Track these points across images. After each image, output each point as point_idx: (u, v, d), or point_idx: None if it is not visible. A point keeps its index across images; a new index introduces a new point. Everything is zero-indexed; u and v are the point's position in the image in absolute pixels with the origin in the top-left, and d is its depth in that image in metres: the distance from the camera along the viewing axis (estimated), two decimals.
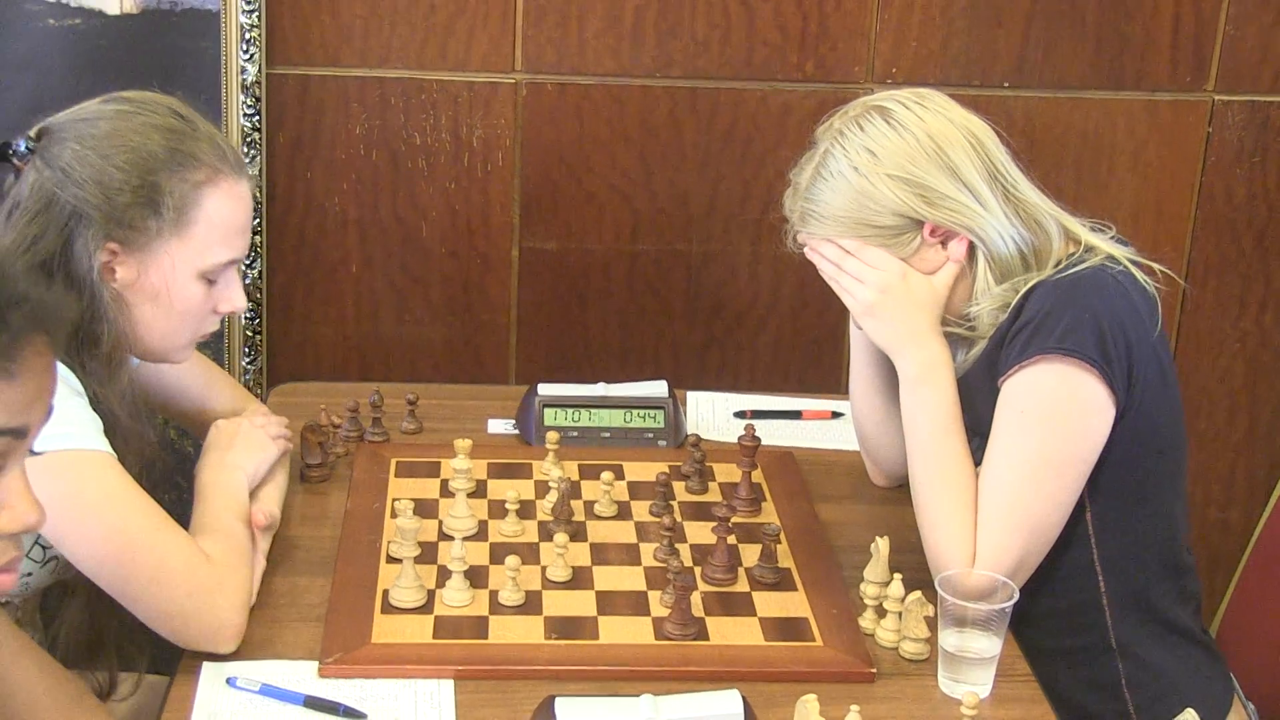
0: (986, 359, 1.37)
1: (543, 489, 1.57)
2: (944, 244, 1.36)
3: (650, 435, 1.70)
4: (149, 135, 1.26)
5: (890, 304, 1.35)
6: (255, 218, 2.00)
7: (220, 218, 1.29)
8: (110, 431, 1.22)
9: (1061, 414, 1.30)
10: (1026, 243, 1.36)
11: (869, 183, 1.33)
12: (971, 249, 1.36)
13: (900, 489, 1.64)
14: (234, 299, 1.33)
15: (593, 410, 1.70)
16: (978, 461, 1.36)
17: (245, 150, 2.10)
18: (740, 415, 1.80)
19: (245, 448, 1.40)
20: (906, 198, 1.33)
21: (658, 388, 1.74)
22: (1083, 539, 1.38)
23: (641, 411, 1.71)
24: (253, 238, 1.99)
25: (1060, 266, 1.35)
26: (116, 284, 1.26)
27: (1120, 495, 1.37)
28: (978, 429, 1.38)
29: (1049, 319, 1.30)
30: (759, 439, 1.56)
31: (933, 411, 1.36)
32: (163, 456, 1.33)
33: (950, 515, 1.34)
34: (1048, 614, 1.41)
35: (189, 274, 1.29)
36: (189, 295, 1.29)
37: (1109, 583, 1.39)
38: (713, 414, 1.82)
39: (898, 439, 1.52)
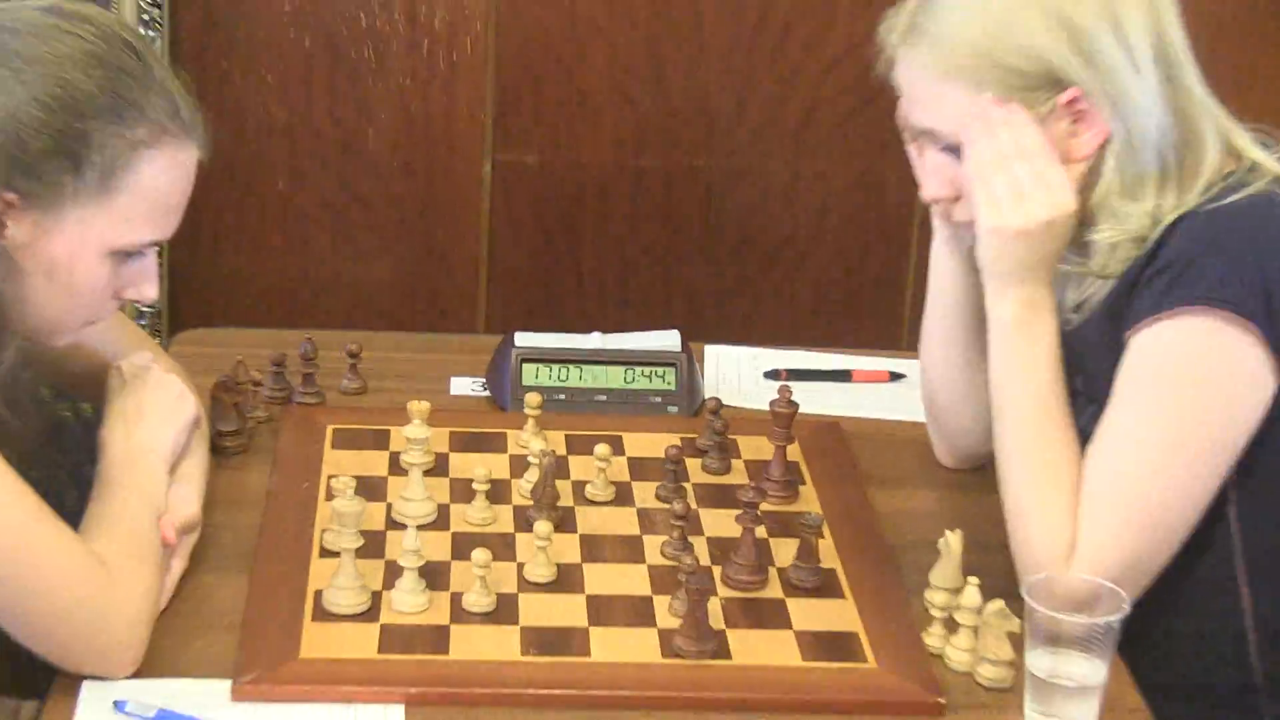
0: (1109, 306, 1.35)
1: (520, 466, 1.57)
2: (1075, 127, 1.31)
3: (658, 400, 1.71)
4: (89, 69, 1.21)
5: (1034, 235, 1.31)
6: None
7: (154, 190, 1.26)
8: None
9: (1205, 381, 1.27)
10: (1174, 151, 1.31)
11: (1014, 7, 1.27)
12: (1102, 148, 1.31)
13: (977, 472, 1.64)
14: (144, 288, 1.31)
15: (584, 367, 1.71)
16: (1089, 435, 1.33)
17: (145, 32, 2.08)
18: (772, 375, 1.82)
19: (158, 414, 1.40)
20: (1056, 39, 1.27)
21: (667, 339, 1.75)
22: (1223, 544, 1.35)
23: (647, 370, 1.72)
24: None
25: (1214, 193, 1.30)
26: (3, 242, 1.22)
27: (1275, 490, 1.33)
28: (1092, 394, 1.36)
29: (1200, 260, 1.26)
30: (796, 405, 1.56)
31: (1032, 366, 1.34)
32: (67, 447, 1.35)
33: (1044, 500, 1.32)
34: (1171, 638, 1.38)
35: (99, 249, 1.26)
36: (93, 274, 1.26)
37: (1257, 601, 1.36)
38: (737, 374, 1.83)
39: (979, 407, 1.49)
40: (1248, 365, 1.26)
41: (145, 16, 2.05)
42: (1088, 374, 1.37)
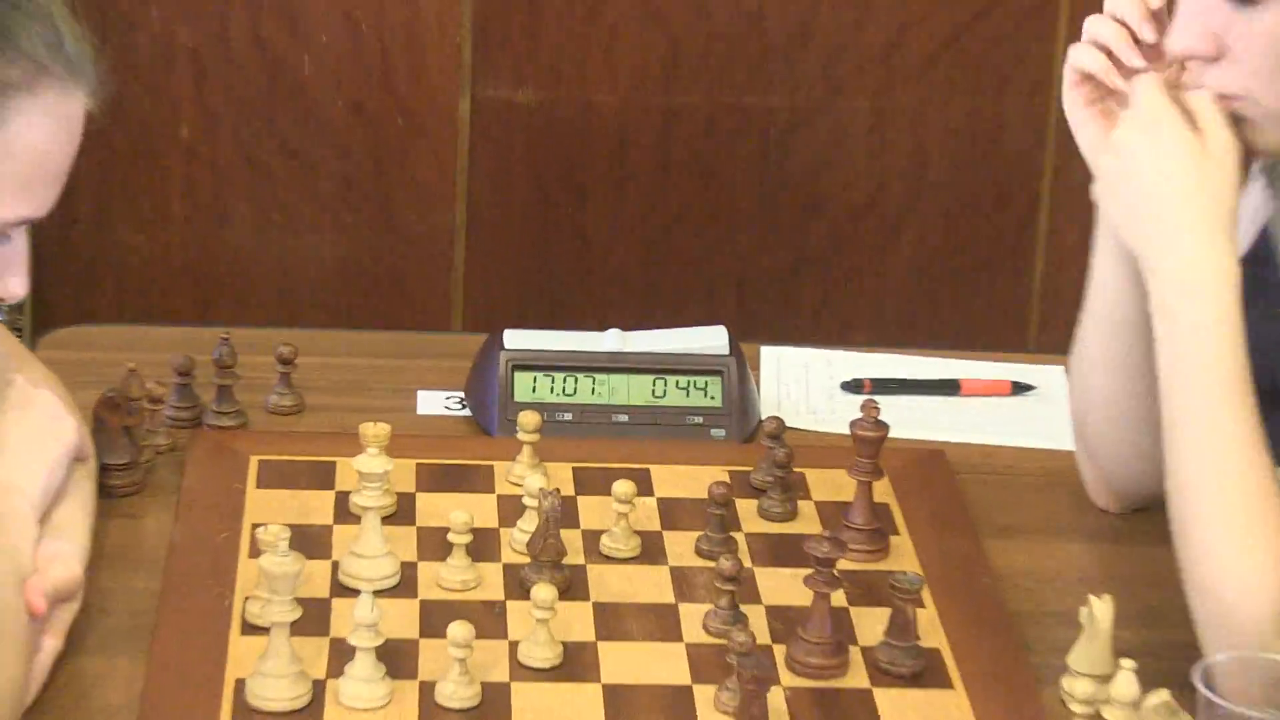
0: None
1: (513, 510, 1.59)
2: None
3: (698, 420, 1.73)
4: None
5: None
6: None
7: (27, 149, 1.26)
8: None
9: None
10: None
11: None
12: None
13: (1132, 518, 1.64)
14: (10, 281, 1.31)
15: (598, 377, 1.74)
16: None
17: None
18: (853, 387, 1.84)
19: (24, 444, 1.40)
20: None
21: (710, 338, 1.77)
22: None
23: (683, 379, 1.74)
24: None
25: None
26: None
27: None
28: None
29: None
30: (886, 427, 1.58)
31: (1215, 354, 1.35)
32: None
33: (1246, 544, 1.33)
34: None
35: None
36: None
37: None
38: (805, 384, 1.85)
39: (1148, 433, 1.51)
40: None
41: None
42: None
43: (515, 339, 1.75)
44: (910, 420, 1.78)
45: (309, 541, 1.51)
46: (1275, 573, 1.33)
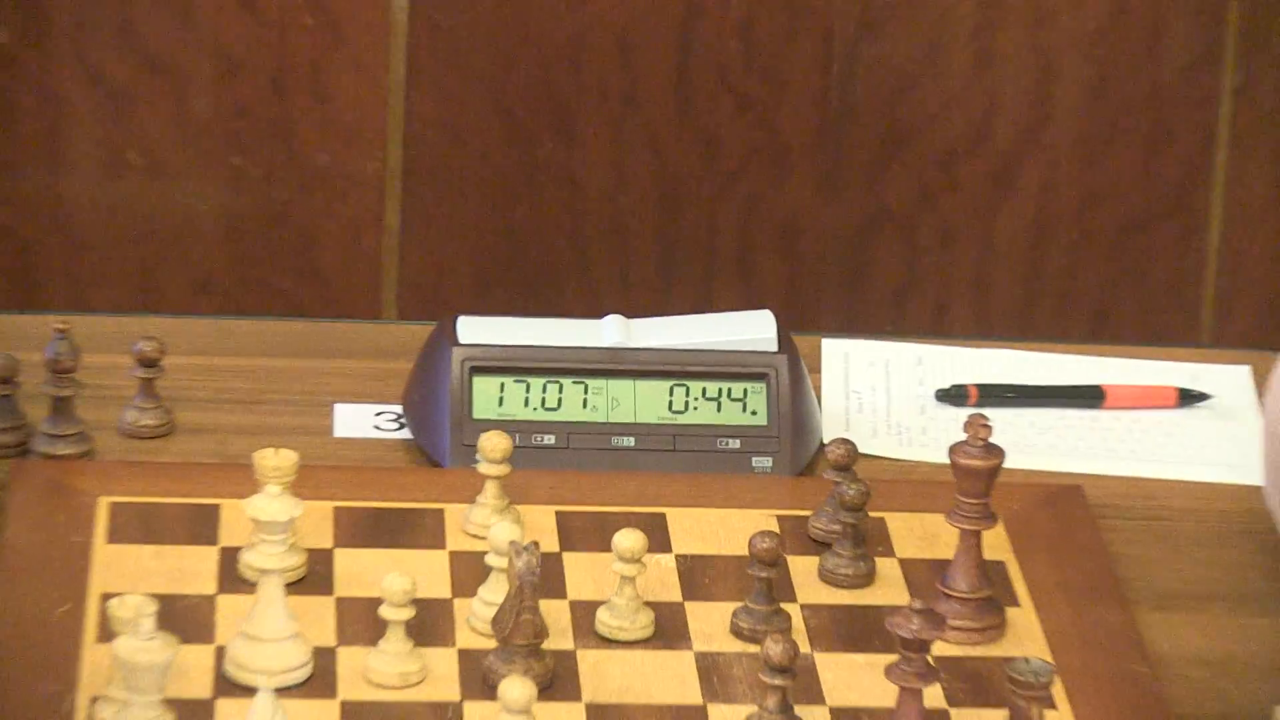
0: None
1: (472, 573, 1.60)
2: None
3: (735, 445, 1.76)
4: None
5: None
6: None
7: None
8: None
9: None
10: None
11: None
12: None
13: None
14: None
15: (593, 384, 1.76)
16: None
17: None
18: (953, 397, 1.86)
19: None
20: None
21: (752, 328, 1.80)
22: None
23: (714, 387, 1.77)
24: None
25: None
26: None
27: None
28: None
29: None
30: (1000, 453, 1.59)
31: None
32: None
33: None
34: None
35: None
36: None
37: None
38: (885, 392, 1.87)
39: None
40: None
41: None
42: None
43: (474, 329, 1.76)
44: (1035, 444, 1.79)
45: (183, 619, 1.51)
46: None
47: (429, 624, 1.54)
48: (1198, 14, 2.32)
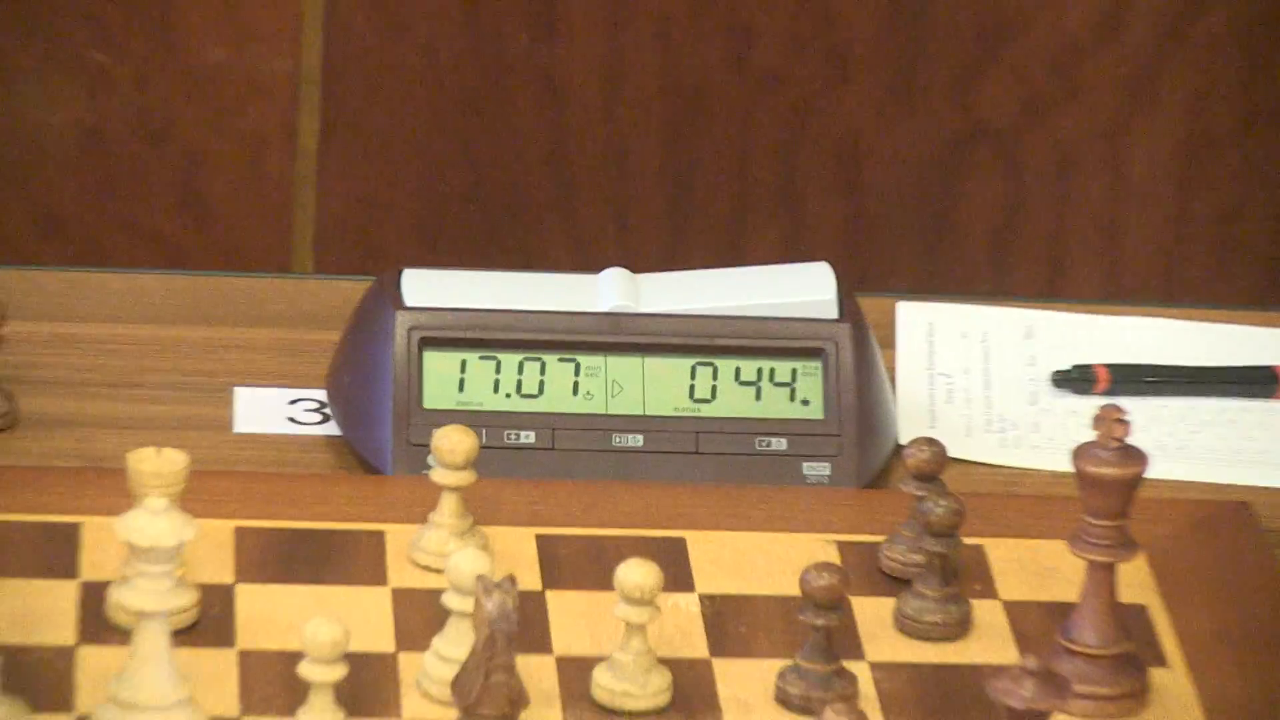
0: None
1: (425, 618, 1.61)
2: None
3: (781, 445, 1.78)
4: None
5: None
6: None
7: None
8: None
9: None
10: None
11: None
12: None
13: None
14: None
15: (587, 362, 1.78)
16: None
17: None
18: (1075, 380, 1.87)
19: None
20: None
21: (804, 284, 1.83)
22: None
23: (753, 365, 1.78)
24: None
25: None
26: None
27: None
28: None
29: None
30: (1142, 458, 1.58)
31: None
32: None
33: None
34: None
35: None
36: None
37: None
38: (983, 372, 1.90)
39: None
40: None
41: None
42: None
43: (423, 288, 1.79)
44: (1189, 445, 1.83)
45: (32, 678, 1.49)
46: None
47: (366, 687, 1.53)
48: None
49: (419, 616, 1.59)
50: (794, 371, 1.76)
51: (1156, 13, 2.31)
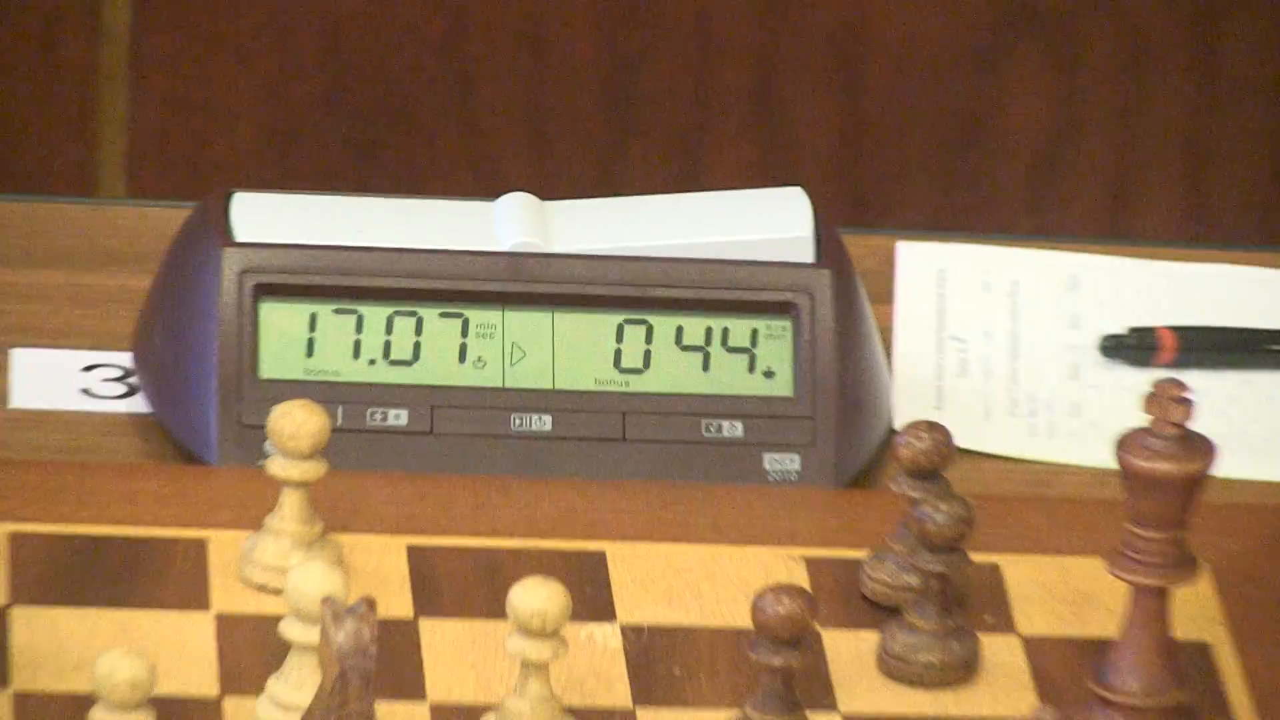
0: None
1: (252, 650, 1.68)
2: None
3: (734, 431, 1.84)
4: None
5: None
6: None
7: None
8: None
9: None
10: None
11: None
12: None
13: None
14: None
15: (477, 315, 1.84)
16: None
17: None
18: (1129, 347, 1.94)
19: None
20: None
21: (773, 217, 1.88)
22: None
23: (700, 324, 1.84)
24: None
25: None
26: None
27: None
28: None
29: None
30: (1209, 449, 1.62)
31: None
32: None
33: None
34: None
35: None
36: None
37: None
38: (1009, 334, 2.00)
39: None
40: None
41: None
42: None
43: (259, 217, 1.85)
44: (1274, 435, 1.85)
45: None
46: None
47: None
48: None
49: (250, 651, 1.65)
50: (754, 333, 1.79)
51: None
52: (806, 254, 1.81)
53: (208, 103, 2.38)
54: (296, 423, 1.64)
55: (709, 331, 1.80)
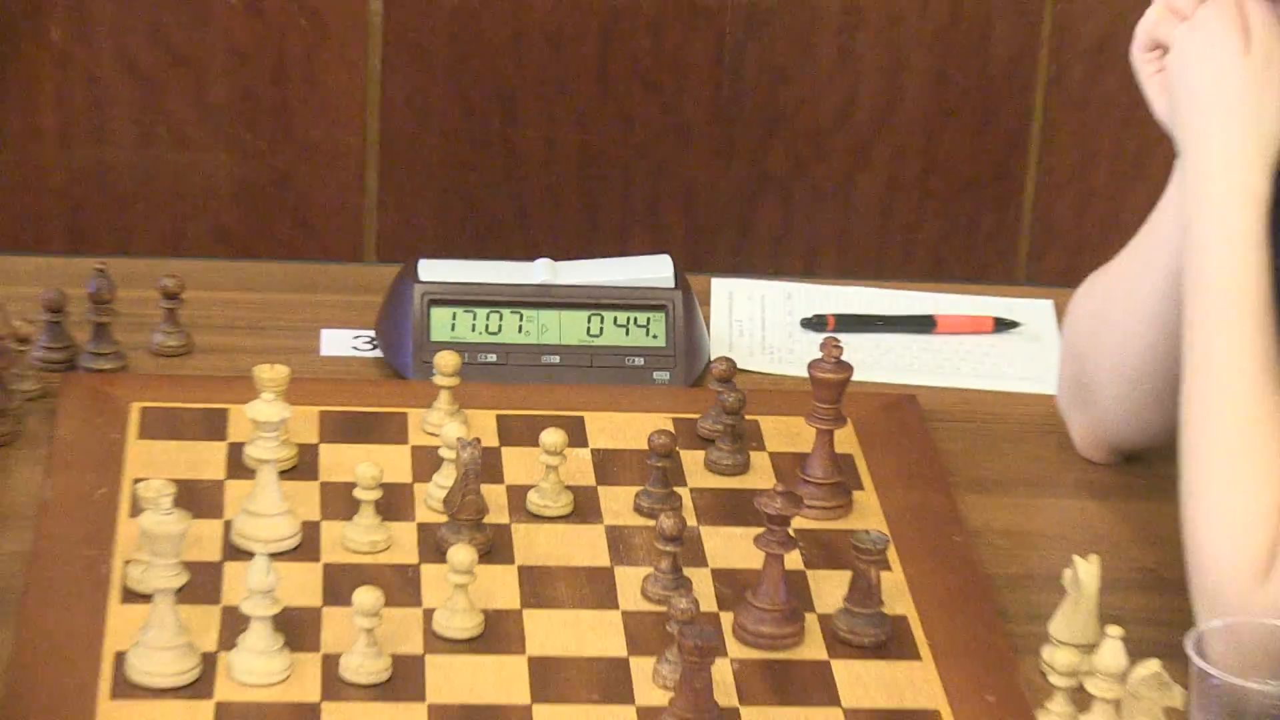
0: None
1: (428, 463, 1.60)
2: None
3: (639, 362, 1.75)
4: None
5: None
6: None
7: None
8: None
9: None
10: None
11: None
12: None
13: (1123, 472, 1.67)
14: None
15: (526, 313, 1.75)
16: None
17: None
18: (814, 325, 1.85)
19: None
20: None
21: (654, 268, 1.78)
22: None
23: (623, 315, 1.75)
24: None
25: None
26: None
27: None
28: None
29: None
30: (850, 369, 1.59)
31: (1235, 259, 1.42)
32: None
33: (1232, 488, 1.38)
34: None
35: None
36: None
37: None
38: (761, 321, 1.86)
39: (1154, 379, 1.58)
40: None
41: None
42: None
43: (432, 270, 1.76)
44: (878, 362, 1.80)
45: (197, 498, 1.51)
46: (1264, 527, 1.37)
47: (393, 503, 1.55)
48: (1018, 16, 2.33)
49: (425, 462, 1.60)
50: (649, 319, 1.75)
51: (870, 107, 2.30)
52: (670, 284, 1.77)
53: (408, 218, 2.35)
54: (446, 360, 1.63)
55: (630, 318, 1.76)
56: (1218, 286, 1.44)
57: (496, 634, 1.43)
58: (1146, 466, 1.66)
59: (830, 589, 1.49)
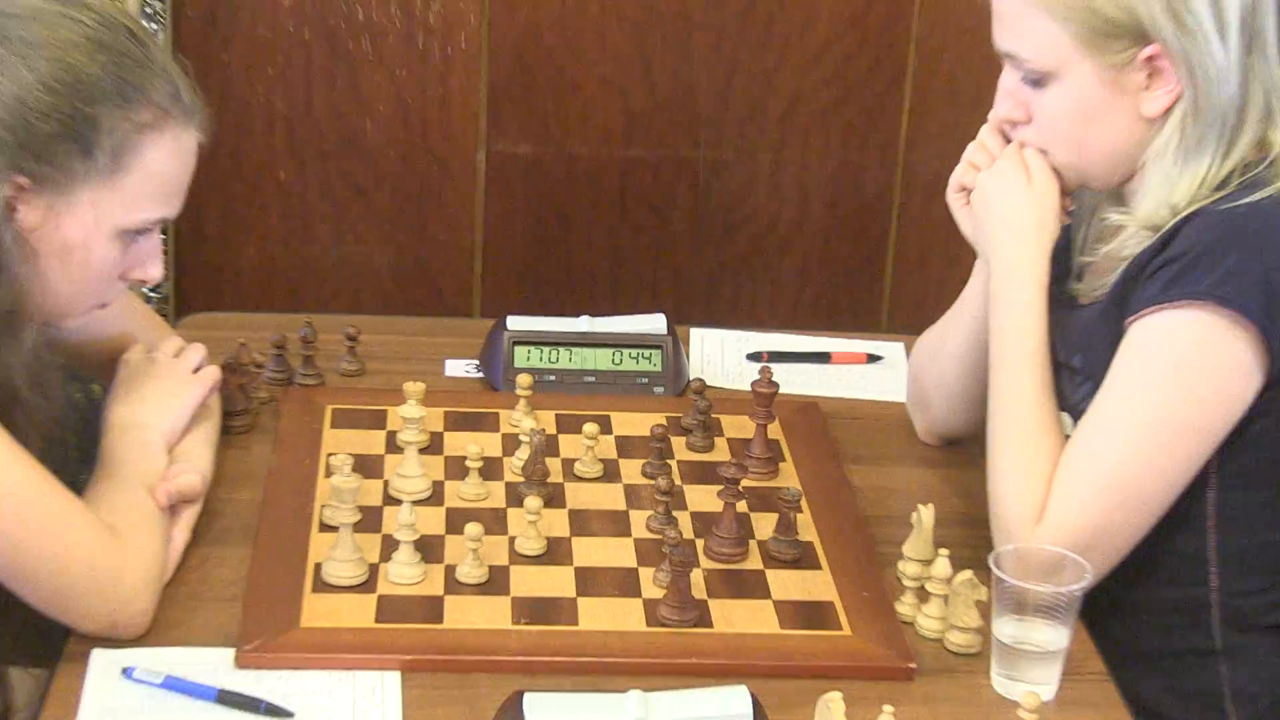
0: (1116, 292, 1.37)
1: (511, 444, 1.57)
2: (1149, 82, 1.33)
3: (644, 380, 1.72)
4: (93, 54, 1.23)
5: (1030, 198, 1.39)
6: None
7: (160, 170, 1.29)
8: (4, 405, 1.23)
9: (1194, 369, 1.29)
10: (1235, 121, 1.32)
11: None
12: (1169, 109, 1.33)
13: (948, 450, 1.64)
14: (150, 267, 1.34)
15: (574, 350, 1.72)
16: (1083, 412, 1.36)
17: (148, 25, 2.08)
18: (755, 358, 1.82)
19: (158, 399, 1.41)
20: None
21: (654, 322, 1.76)
22: (1198, 524, 1.37)
23: (634, 351, 1.73)
24: None
25: (1231, 189, 1.32)
26: (16, 226, 1.24)
27: (1254, 480, 1.36)
28: (1090, 372, 1.39)
29: (1207, 256, 1.28)
30: (777, 385, 1.57)
31: (1025, 327, 1.38)
32: (79, 428, 1.37)
33: (1017, 463, 1.35)
34: (1141, 608, 1.41)
35: (109, 230, 1.28)
36: (105, 255, 1.29)
37: (1224, 581, 1.38)
38: (721, 355, 1.83)
39: (968, 397, 1.55)
40: (1238, 359, 1.28)
41: (148, 9, 2.07)
42: (1089, 353, 1.39)
43: (515, 323, 1.73)
44: (795, 381, 1.76)
45: (366, 466, 1.49)
46: (1030, 490, 1.35)
47: (490, 470, 1.52)
48: (881, 168, 2.30)
49: (510, 444, 1.56)
50: (650, 354, 1.71)
51: (792, 218, 2.33)
52: (664, 332, 1.73)
53: (500, 285, 2.28)
54: (524, 379, 1.60)
55: (639, 353, 1.72)
56: (1012, 335, 1.41)
57: (556, 553, 1.41)
58: (964, 447, 1.63)
59: (764, 525, 1.47)
